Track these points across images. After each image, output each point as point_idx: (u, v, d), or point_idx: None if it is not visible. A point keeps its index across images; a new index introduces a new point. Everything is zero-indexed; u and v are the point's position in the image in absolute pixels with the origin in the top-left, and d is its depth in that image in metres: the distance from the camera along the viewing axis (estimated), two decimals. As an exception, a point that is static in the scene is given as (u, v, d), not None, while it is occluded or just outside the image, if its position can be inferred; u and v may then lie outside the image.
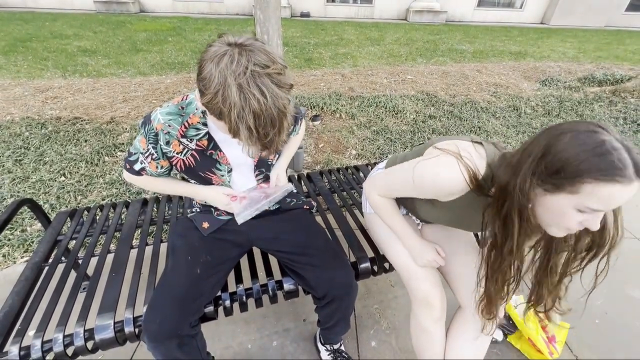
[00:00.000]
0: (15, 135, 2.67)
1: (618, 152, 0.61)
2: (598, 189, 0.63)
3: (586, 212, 0.67)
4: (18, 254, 1.70)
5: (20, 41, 5.31)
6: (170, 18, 7.96)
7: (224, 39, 0.69)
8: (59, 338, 0.91)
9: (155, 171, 0.94)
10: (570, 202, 0.67)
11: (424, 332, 1.05)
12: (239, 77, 0.64)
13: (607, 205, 0.64)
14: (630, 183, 0.61)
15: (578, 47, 6.90)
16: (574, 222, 0.69)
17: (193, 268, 0.93)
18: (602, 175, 0.61)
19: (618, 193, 0.62)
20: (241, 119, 0.65)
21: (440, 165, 0.82)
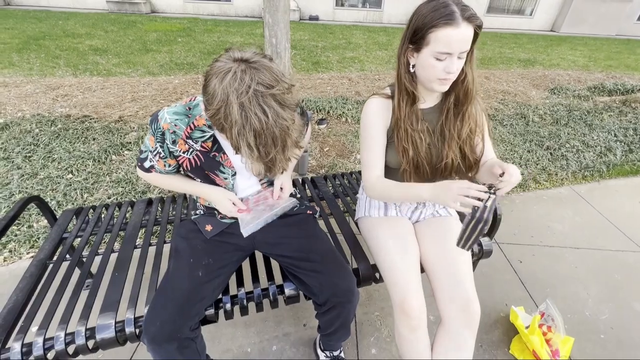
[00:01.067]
0: (26, 131, 2.71)
1: (450, 7, 0.86)
2: (438, 34, 0.86)
3: (441, 59, 0.90)
4: (24, 250, 1.73)
5: (33, 39, 5.41)
6: (180, 19, 8.05)
7: (230, 54, 0.69)
8: (60, 336, 0.91)
9: (163, 169, 0.96)
10: (428, 53, 0.90)
11: (403, 339, 1.04)
12: (241, 95, 0.64)
13: (449, 45, 0.86)
14: (459, 25, 0.84)
15: (588, 55, 6.83)
16: (439, 70, 0.91)
17: (195, 271, 0.93)
18: (438, 23, 0.85)
19: (452, 33, 0.85)
20: (242, 136, 0.66)
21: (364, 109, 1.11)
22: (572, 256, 1.90)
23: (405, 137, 1.04)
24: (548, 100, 4.09)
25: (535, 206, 2.32)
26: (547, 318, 1.39)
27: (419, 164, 1.07)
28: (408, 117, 1.04)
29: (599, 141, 3.19)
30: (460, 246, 0.87)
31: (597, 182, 2.65)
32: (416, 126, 1.05)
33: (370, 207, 1.25)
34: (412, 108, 1.04)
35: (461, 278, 1.04)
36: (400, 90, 1.03)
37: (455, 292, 1.02)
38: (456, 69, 0.91)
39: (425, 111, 1.08)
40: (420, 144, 1.05)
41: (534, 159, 2.83)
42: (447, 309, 1.02)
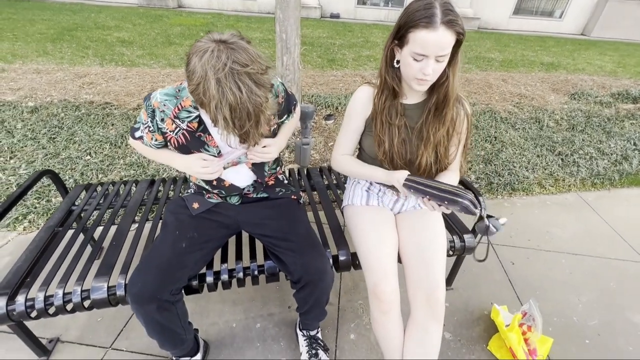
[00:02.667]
0: (52, 115, 2.91)
1: (432, 9, 0.86)
2: (416, 35, 0.88)
3: (418, 60, 0.91)
4: (42, 221, 1.88)
5: (67, 30, 5.74)
6: (204, 14, 8.28)
7: (210, 35, 0.77)
8: (59, 293, 1.02)
9: (149, 142, 1.04)
10: (407, 52, 0.92)
11: (376, 322, 1.08)
12: (217, 71, 0.71)
13: (425, 48, 0.88)
14: (436, 29, 0.85)
15: (618, 61, 6.52)
16: (416, 70, 0.93)
17: (179, 242, 1.01)
18: (417, 24, 0.87)
19: (428, 36, 0.86)
20: (219, 110, 0.73)
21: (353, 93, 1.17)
22: (568, 262, 1.87)
23: (382, 129, 1.08)
24: (567, 105, 3.97)
25: (537, 210, 2.28)
26: (528, 318, 1.39)
27: (393, 158, 1.11)
28: (387, 110, 1.08)
29: (615, 149, 3.07)
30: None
31: (607, 190, 2.56)
32: (394, 120, 1.08)
33: (354, 195, 1.29)
34: (393, 102, 1.08)
35: (432, 267, 1.07)
36: (381, 83, 1.07)
37: (424, 280, 1.05)
38: (432, 71, 0.91)
39: (407, 107, 1.10)
40: (395, 138, 1.08)
41: (542, 163, 2.77)
42: (414, 298, 1.06)
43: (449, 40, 0.88)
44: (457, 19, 0.88)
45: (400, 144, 1.10)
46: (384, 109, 1.08)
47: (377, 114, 1.09)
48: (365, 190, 1.28)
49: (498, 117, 3.51)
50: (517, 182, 2.50)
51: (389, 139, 1.09)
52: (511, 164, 2.71)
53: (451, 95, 1.02)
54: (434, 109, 1.06)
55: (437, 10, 0.86)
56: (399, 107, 1.08)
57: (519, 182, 2.50)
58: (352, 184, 1.33)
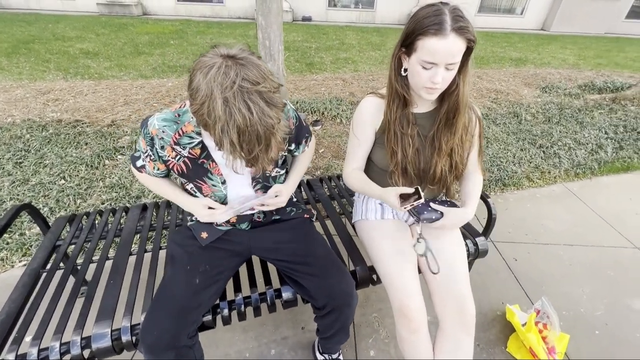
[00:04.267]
0: (16, 137, 2.67)
1: (441, 16, 0.83)
2: (425, 42, 0.85)
3: (427, 68, 0.88)
4: (16, 258, 1.70)
5: (22, 43, 5.34)
6: (172, 21, 8.00)
7: (216, 50, 0.69)
8: (55, 346, 0.90)
9: (152, 171, 0.96)
10: (416, 60, 0.89)
11: (404, 341, 1.05)
12: (225, 90, 0.63)
13: (434, 55, 0.85)
14: (446, 37, 0.82)
15: (578, 53, 6.93)
16: (425, 79, 0.90)
17: (192, 278, 0.92)
18: (426, 31, 0.84)
19: (438, 44, 0.83)
20: (225, 133, 0.65)
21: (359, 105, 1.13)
22: (566, 254, 1.92)
23: (394, 140, 1.05)
24: (540, 98, 4.14)
25: (529, 204, 2.35)
26: (542, 315, 1.40)
27: (406, 168, 1.07)
28: (399, 120, 1.04)
29: (590, 139, 3.23)
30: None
31: (589, 180, 2.68)
32: (406, 130, 1.04)
33: (367, 210, 1.25)
34: (404, 111, 1.04)
35: (456, 278, 1.04)
36: (391, 93, 1.03)
37: (450, 292, 1.02)
38: (442, 80, 0.88)
39: (418, 116, 1.07)
40: (409, 148, 1.05)
41: (527, 157, 2.86)
42: (443, 311, 1.03)
43: (459, 48, 0.85)
44: (468, 25, 0.85)
45: (414, 154, 1.06)
46: (395, 118, 1.04)
47: (389, 124, 1.05)
48: (379, 204, 1.23)
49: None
50: (507, 178, 2.56)
51: (402, 149, 1.05)
52: (498, 160, 2.78)
53: (462, 104, 0.99)
54: (445, 118, 1.03)
55: (447, 16, 0.82)
56: (410, 117, 1.05)
57: (508, 178, 2.56)
58: (364, 197, 1.28)
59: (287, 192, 1.01)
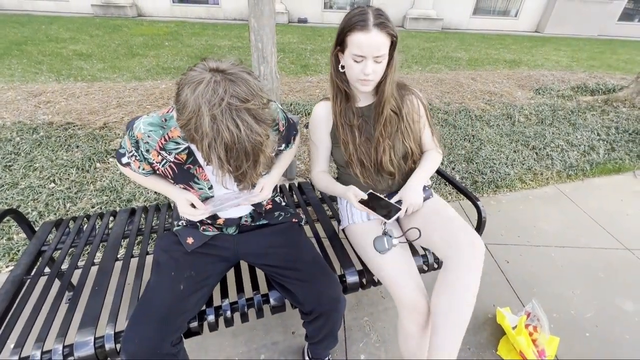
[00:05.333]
0: (6, 140, 2.63)
1: (365, 15, 0.94)
2: (352, 38, 0.95)
3: (357, 61, 0.98)
4: (3, 263, 1.68)
5: (15, 44, 5.29)
6: (167, 22, 7.97)
7: (206, 63, 0.67)
8: (36, 355, 0.88)
9: (137, 170, 0.95)
10: (348, 55, 0.98)
11: (412, 337, 1.05)
12: (213, 107, 0.62)
13: (361, 48, 0.94)
14: (369, 31, 0.93)
15: (571, 55, 6.98)
16: (357, 71, 0.99)
17: (176, 284, 0.91)
18: (352, 27, 0.94)
19: (363, 38, 0.93)
20: (212, 149, 0.64)
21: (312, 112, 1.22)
22: (558, 255, 1.93)
23: (344, 132, 1.13)
24: (533, 100, 4.16)
25: (522, 206, 2.35)
26: (532, 318, 1.40)
27: (362, 161, 1.14)
28: (345, 113, 1.13)
29: (582, 140, 3.25)
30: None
31: (581, 181, 2.70)
32: (353, 121, 1.12)
33: (353, 214, 1.25)
34: (348, 104, 1.13)
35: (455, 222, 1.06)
36: (334, 89, 1.11)
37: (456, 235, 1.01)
38: (372, 71, 0.98)
39: (363, 109, 1.15)
40: (358, 138, 1.13)
41: (519, 159, 2.87)
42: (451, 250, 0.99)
43: (382, 41, 0.95)
44: (388, 22, 0.97)
45: (364, 144, 1.14)
46: (341, 111, 1.13)
47: (337, 118, 1.14)
48: None
49: (472, 115, 3.62)
50: (500, 179, 2.56)
51: (352, 140, 1.13)
52: (492, 161, 2.79)
53: (388, 94, 1.07)
54: (380, 108, 1.11)
55: (370, 15, 0.94)
56: (353, 109, 1.14)
57: (501, 179, 2.57)
58: (346, 201, 1.28)
59: (270, 185, 1.01)
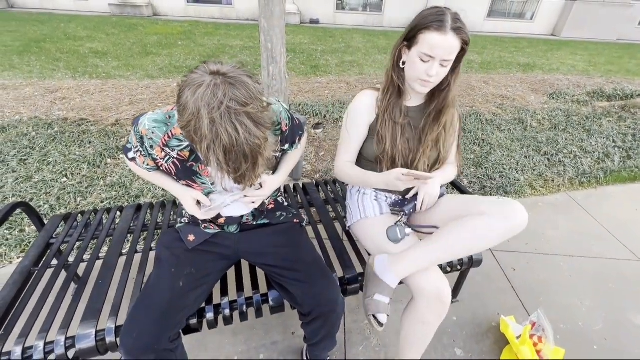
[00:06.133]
0: (22, 134, 2.71)
1: (443, 16, 0.93)
2: (426, 36, 0.94)
3: (424, 61, 0.96)
4: (15, 254, 1.72)
5: (34, 42, 5.45)
6: (181, 22, 8.09)
7: (207, 66, 0.68)
8: (39, 345, 0.90)
9: (142, 165, 0.95)
10: (415, 52, 0.97)
11: (428, 327, 1.05)
12: (212, 110, 0.63)
13: (432, 49, 0.93)
14: (446, 33, 0.92)
15: (588, 60, 6.81)
16: (421, 71, 0.98)
17: (176, 281, 0.92)
18: (429, 26, 0.93)
19: (437, 38, 0.92)
20: (211, 151, 0.65)
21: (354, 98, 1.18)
22: (566, 264, 1.88)
23: (385, 127, 1.10)
24: (547, 105, 4.08)
25: (531, 212, 2.27)
26: (538, 328, 1.37)
27: (394, 158, 1.12)
28: (392, 109, 1.10)
29: (597, 147, 3.17)
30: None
31: (594, 189, 2.63)
32: (399, 119, 1.10)
33: (365, 208, 1.24)
34: (397, 101, 1.11)
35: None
36: (387, 82, 1.10)
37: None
38: (436, 74, 0.97)
39: (410, 108, 1.14)
40: (398, 136, 1.11)
41: (530, 164, 2.81)
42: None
43: (455, 46, 0.94)
44: (464, 28, 0.96)
45: (404, 143, 1.12)
46: (388, 106, 1.11)
47: (381, 111, 1.12)
48: (375, 200, 1.24)
49: (483, 119, 3.56)
50: (509, 185, 2.52)
51: (392, 137, 1.11)
52: (501, 166, 2.74)
53: (450, 102, 1.09)
54: (434, 113, 1.11)
55: (448, 17, 0.93)
56: (402, 107, 1.12)
57: (510, 185, 2.52)
58: (358, 197, 1.28)
59: (271, 184, 1.00)
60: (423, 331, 1.07)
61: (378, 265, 1.04)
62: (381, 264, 1.03)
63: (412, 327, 1.08)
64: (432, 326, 1.05)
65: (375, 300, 0.98)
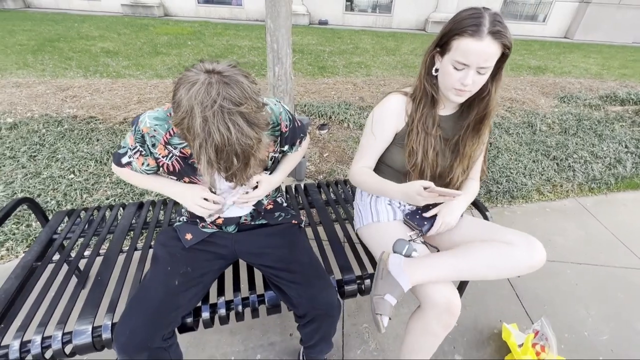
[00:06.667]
0: (33, 131, 2.77)
1: (480, 19, 0.84)
2: (460, 43, 0.86)
3: (458, 69, 0.89)
4: (21, 249, 1.76)
5: (48, 41, 5.57)
6: (191, 22, 8.18)
7: (202, 64, 0.68)
8: (37, 340, 0.91)
9: (140, 167, 0.93)
10: (448, 60, 0.90)
11: (432, 335, 1.01)
12: (205, 109, 0.63)
13: (467, 56, 0.86)
14: (482, 39, 0.83)
15: (602, 63, 6.66)
16: (455, 80, 0.90)
17: (171, 279, 0.92)
18: (462, 31, 0.85)
19: (472, 45, 0.84)
20: (202, 149, 0.65)
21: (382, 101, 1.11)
22: (573, 272, 1.84)
23: (416, 139, 1.03)
24: (557, 108, 4.00)
25: (537, 218, 2.26)
26: (541, 337, 1.33)
27: (424, 171, 1.06)
28: (425, 120, 1.03)
29: (608, 152, 3.09)
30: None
31: (604, 195, 2.56)
32: (431, 130, 1.03)
33: (378, 212, 1.19)
34: (431, 111, 1.03)
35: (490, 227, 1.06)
36: (420, 91, 1.02)
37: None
38: (472, 82, 0.89)
39: (442, 117, 1.07)
40: (430, 149, 1.04)
41: (539, 169, 2.76)
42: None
43: (493, 52, 0.85)
44: (505, 31, 0.86)
45: (435, 156, 1.05)
46: (421, 117, 1.03)
47: (414, 122, 1.04)
48: (388, 204, 1.20)
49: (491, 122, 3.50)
50: (516, 190, 2.47)
51: (423, 149, 1.04)
52: (508, 171, 2.69)
53: (491, 111, 1.00)
54: (474, 123, 1.03)
55: (486, 20, 0.84)
56: (436, 117, 1.04)
57: (517, 190, 2.47)
58: (371, 199, 1.24)
59: (267, 185, 0.98)
60: (429, 342, 1.04)
61: (392, 265, 0.98)
62: (396, 265, 0.98)
63: (418, 337, 1.05)
64: (439, 338, 1.02)
65: (386, 300, 0.93)
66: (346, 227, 1.42)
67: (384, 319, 0.91)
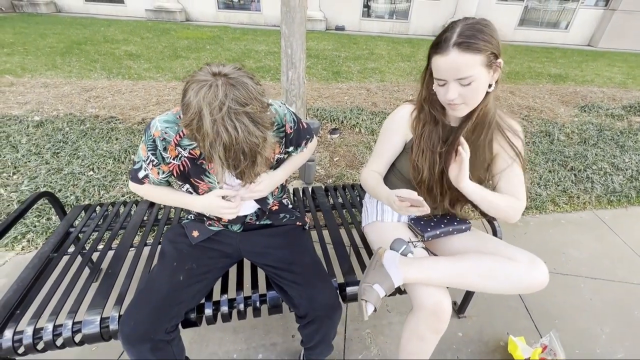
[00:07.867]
0: (57, 129, 2.91)
1: (447, 33, 0.85)
2: (433, 61, 0.88)
3: (440, 85, 0.90)
4: (40, 241, 1.84)
5: (76, 44, 5.83)
6: (211, 27, 8.40)
7: (209, 67, 0.72)
8: (48, 327, 0.96)
9: (157, 178, 0.96)
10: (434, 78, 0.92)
11: (424, 342, 1.01)
12: (214, 110, 0.67)
13: (440, 73, 0.87)
14: (448, 54, 0.83)
15: (627, 72, 6.43)
16: (442, 95, 0.92)
17: (176, 275, 0.95)
18: (432, 49, 0.88)
19: (440, 60, 0.86)
20: (213, 148, 0.69)
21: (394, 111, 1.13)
22: (587, 287, 1.77)
23: (422, 157, 1.02)
24: (577, 118, 3.88)
25: (552, 230, 2.19)
26: (549, 352, 1.30)
27: (431, 187, 1.05)
28: (429, 137, 1.02)
29: (630, 164, 2.97)
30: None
31: (624, 209, 2.46)
32: (436, 147, 1.02)
33: (383, 211, 1.22)
34: (435, 128, 1.02)
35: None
36: (420, 109, 1.03)
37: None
38: (457, 95, 0.87)
39: (450, 130, 1.04)
40: (437, 166, 1.02)
41: (554, 179, 2.68)
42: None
43: (465, 62, 0.83)
44: (474, 40, 0.82)
45: (440, 173, 1.04)
46: (422, 134, 1.03)
47: (416, 139, 1.04)
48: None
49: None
50: (530, 200, 2.41)
51: (429, 167, 1.03)
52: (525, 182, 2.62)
53: (483, 121, 0.96)
54: (467, 134, 1.00)
55: (454, 32, 0.83)
56: (441, 133, 1.02)
57: (531, 200, 2.41)
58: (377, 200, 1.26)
59: (269, 183, 1.00)
60: (420, 347, 1.03)
61: (387, 259, 0.99)
62: (391, 261, 0.98)
63: (409, 341, 1.05)
64: (429, 342, 1.01)
65: (374, 289, 0.94)
66: (351, 232, 1.42)
67: (368, 306, 0.91)
